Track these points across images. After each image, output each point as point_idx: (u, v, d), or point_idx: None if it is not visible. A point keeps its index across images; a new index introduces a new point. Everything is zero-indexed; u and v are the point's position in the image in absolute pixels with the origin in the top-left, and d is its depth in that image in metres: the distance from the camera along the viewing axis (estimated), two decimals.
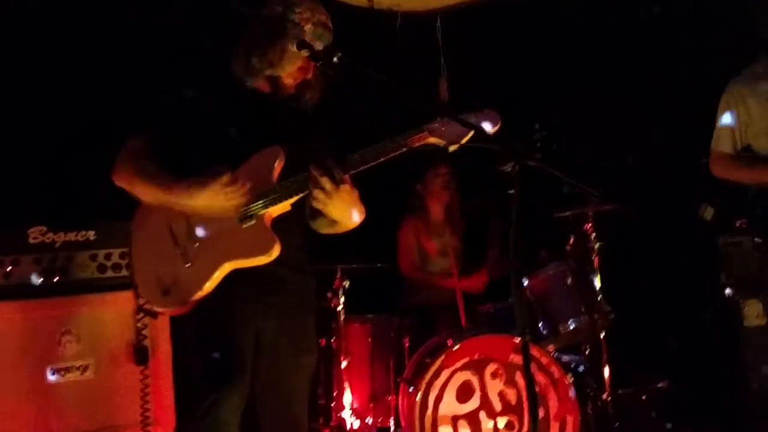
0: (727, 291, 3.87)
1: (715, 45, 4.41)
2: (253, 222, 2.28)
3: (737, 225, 3.90)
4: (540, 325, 3.91)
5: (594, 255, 4.08)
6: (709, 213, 3.98)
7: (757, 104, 3.20)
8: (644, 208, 4.46)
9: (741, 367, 3.85)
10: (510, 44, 5.31)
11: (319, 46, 2.35)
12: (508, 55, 5.31)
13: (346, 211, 2.32)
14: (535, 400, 2.10)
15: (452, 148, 2.31)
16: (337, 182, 2.22)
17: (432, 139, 2.29)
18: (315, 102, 2.48)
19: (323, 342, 4.03)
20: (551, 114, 4.92)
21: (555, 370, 3.58)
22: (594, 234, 4.10)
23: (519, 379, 3.56)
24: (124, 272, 3.20)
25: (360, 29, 5.00)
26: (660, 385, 4.08)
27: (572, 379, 3.62)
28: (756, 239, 3.20)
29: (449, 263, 4.40)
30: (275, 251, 2.26)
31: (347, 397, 3.97)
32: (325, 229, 2.51)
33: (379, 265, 4.14)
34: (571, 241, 4.19)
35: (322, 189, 2.22)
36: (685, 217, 4.28)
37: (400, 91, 2.24)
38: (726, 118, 3.32)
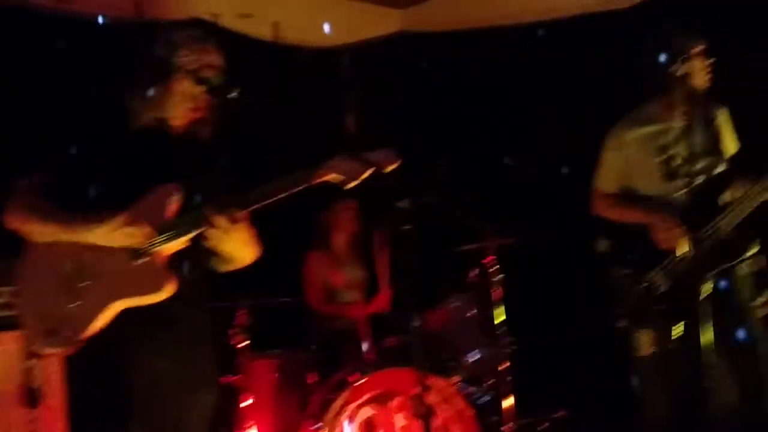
0: (620, 321, 4.02)
1: (608, 83, 4.60)
2: (147, 259, 2.23)
3: (629, 257, 4.08)
4: (444, 357, 3.95)
5: (496, 287, 4.17)
6: (603, 245, 4.12)
7: (639, 146, 3.30)
8: (544, 241, 4.59)
9: (634, 396, 3.98)
10: (416, 81, 5.42)
11: (213, 82, 2.34)
12: (413, 91, 5.42)
13: (241, 250, 2.30)
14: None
15: (351, 184, 2.33)
16: (233, 220, 2.20)
17: (331, 176, 2.31)
18: (210, 138, 2.46)
19: (227, 380, 3.96)
20: (454, 150, 5.06)
21: (458, 402, 3.62)
22: (496, 266, 4.19)
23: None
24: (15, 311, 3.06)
25: (264, 63, 5.03)
26: (558, 414, 4.18)
27: (475, 410, 3.67)
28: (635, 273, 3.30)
29: (356, 295, 4.41)
30: (168, 289, 2.22)
31: None
32: (221, 266, 2.48)
33: (282, 300, 4.10)
34: (474, 273, 4.26)
35: (218, 227, 2.20)
36: (582, 249, 4.43)
37: (300, 127, 2.25)
38: (609, 158, 3.45)
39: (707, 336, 2.66)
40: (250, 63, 4.82)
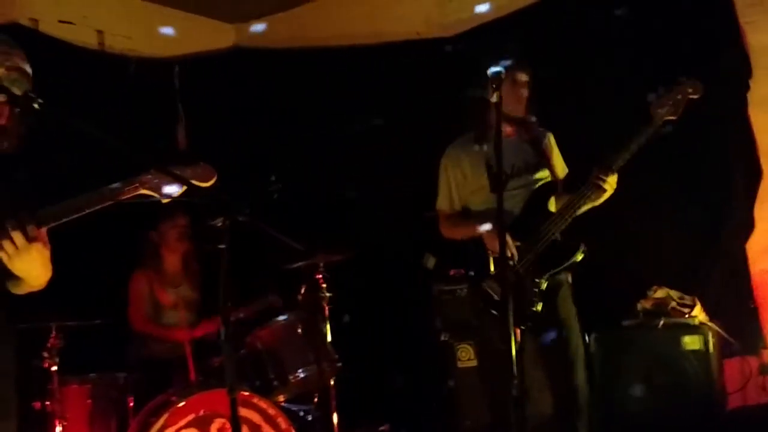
0: (442, 335, 4.18)
1: (437, 105, 4.77)
2: None
3: (452, 274, 4.23)
4: (270, 375, 3.91)
5: (324, 304, 4.19)
6: (431, 262, 4.24)
7: (470, 165, 3.46)
8: (373, 258, 4.67)
9: (455, 406, 4.13)
10: (249, 96, 5.38)
11: (16, 91, 2.21)
12: (246, 105, 5.37)
13: (33, 271, 2.15)
14: None
15: (165, 200, 2.28)
16: (29, 237, 2.06)
17: (144, 191, 2.24)
18: (13, 150, 2.31)
19: (38, 405, 3.73)
20: (287, 167, 5.06)
21: (282, 422, 3.60)
22: (325, 284, 4.22)
23: None
24: None
25: (91, 73, 4.82)
26: (381, 428, 4.25)
27: (300, 429, 3.66)
28: (467, 287, 3.42)
29: (185, 315, 4.27)
30: None
31: None
32: (14, 289, 2.32)
33: (98, 321, 3.91)
34: (303, 290, 4.27)
35: (12, 244, 2.06)
36: (409, 266, 4.55)
37: (111, 140, 2.17)
38: (444, 179, 3.56)
39: (522, 345, 2.78)
40: (72, 70, 4.65)
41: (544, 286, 3.25)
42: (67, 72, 4.58)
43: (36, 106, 2.17)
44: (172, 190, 2.27)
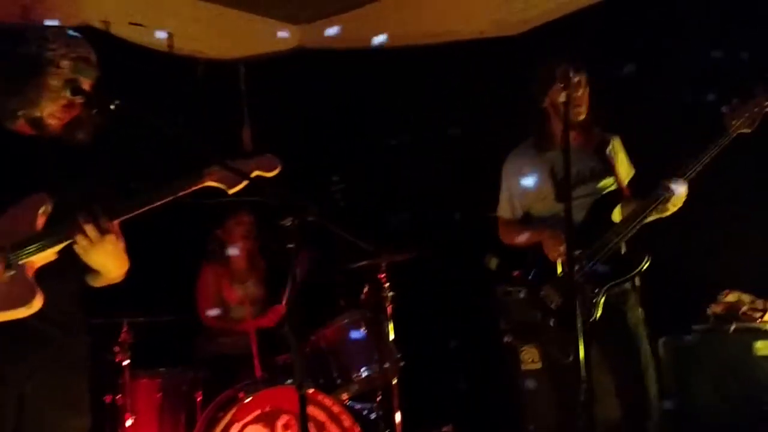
0: (506, 337, 4.13)
1: (500, 106, 4.73)
2: (13, 272, 2.14)
3: (515, 275, 4.18)
4: (334, 374, 3.94)
5: (387, 303, 4.20)
6: (493, 263, 4.19)
7: (533, 174, 3.42)
8: (436, 258, 4.66)
9: (519, 408, 4.09)
10: (312, 97, 5.42)
11: (84, 83, 2.28)
12: (310, 106, 5.41)
13: (108, 263, 2.22)
14: None
15: (232, 191, 2.31)
16: (102, 230, 2.12)
17: (210, 183, 2.28)
18: (88, 141, 2.38)
19: (108, 399, 3.84)
20: (350, 167, 5.08)
21: (345, 419, 3.63)
22: (387, 283, 4.22)
23: (312, 429, 3.56)
24: None
25: (160, 74, 4.93)
26: (444, 429, 4.23)
27: (364, 427, 3.68)
28: (525, 291, 3.38)
29: (251, 311, 4.35)
30: (36, 303, 2.13)
31: None
32: (92, 281, 2.39)
33: (167, 317, 4.00)
34: (366, 290, 4.29)
35: (86, 236, 2.12)
36: (472, 266, 4.51)
37: (181, 136, 2.22)
38: (507, 186, 3.53)
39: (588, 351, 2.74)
40: (142, 71, 4.76)
41: (603, 298, 3.19)
42: (137, 73, 4.70)
43: (112, 106, 2.24)
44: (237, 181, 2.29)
